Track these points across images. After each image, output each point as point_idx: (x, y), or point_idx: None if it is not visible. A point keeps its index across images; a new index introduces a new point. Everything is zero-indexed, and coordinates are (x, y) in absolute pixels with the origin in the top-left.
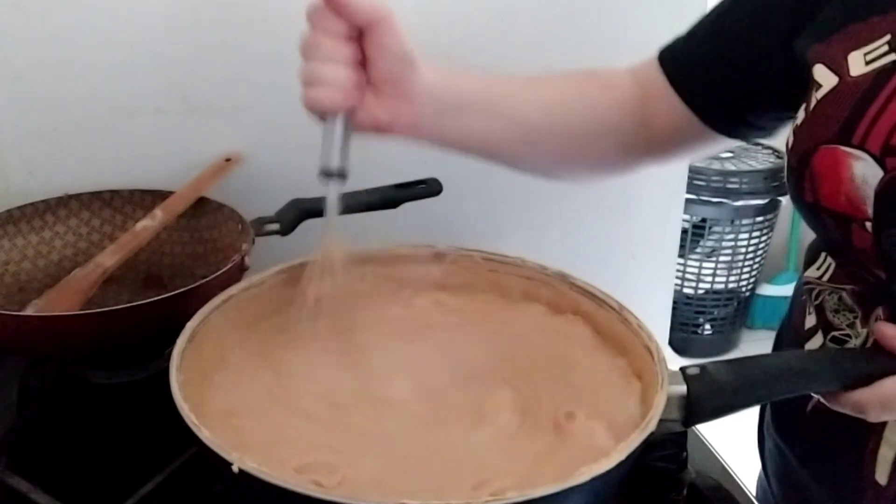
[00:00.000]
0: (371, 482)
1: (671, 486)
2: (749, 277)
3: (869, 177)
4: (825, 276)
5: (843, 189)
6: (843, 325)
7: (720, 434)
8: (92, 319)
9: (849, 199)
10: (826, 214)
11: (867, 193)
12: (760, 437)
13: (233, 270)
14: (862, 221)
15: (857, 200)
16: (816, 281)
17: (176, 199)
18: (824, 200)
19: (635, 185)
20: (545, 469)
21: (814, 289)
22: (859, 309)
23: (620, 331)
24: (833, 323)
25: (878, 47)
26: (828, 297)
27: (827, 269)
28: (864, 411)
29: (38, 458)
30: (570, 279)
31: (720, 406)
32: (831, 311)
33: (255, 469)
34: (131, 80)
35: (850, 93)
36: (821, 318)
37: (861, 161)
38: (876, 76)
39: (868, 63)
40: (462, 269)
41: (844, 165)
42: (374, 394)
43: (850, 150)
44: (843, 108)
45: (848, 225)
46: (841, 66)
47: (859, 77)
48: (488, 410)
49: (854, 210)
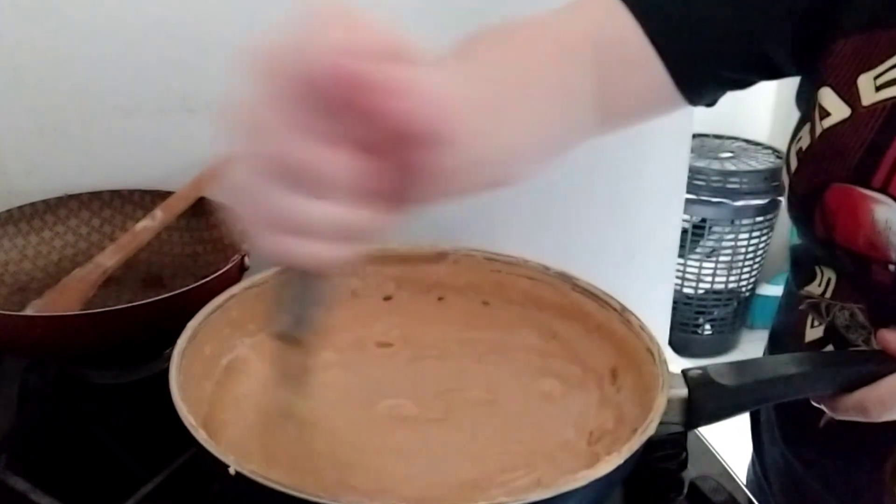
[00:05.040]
0: (370, 483)
1: (671, 486)
2: (749, 277)
3: (893, 222)
4: (827, 292)
5: (863, 232)
6: (858, 342)
7: (720, 434)
8: (92, 319)
9: (869, 241)
10: (841, 252)
11: (891, 239)
12: (756, 439)
13: (233, 270)
14: (884, 263)
15: (879, 244)
16: (820, 298)
17: (176, 199)
18: (840, 239)
19: (635, 185)
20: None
21: (819, 304)
22: (872, 326)
23: (622, 332)
24: (848, 339)
25: (888, 69)
26: (838, 313)
27: (828, 286)
28: (867, 411)
29: (38, 458)
30: (572, 280)
31: (721, 409)
32: (842, 327)
33: (252, 472)
34: (131, 80)
35: (863, 128)
36: (831, 333)
37: (884, 206)
38: (891, 110)
39: (879, 89)
40: (464, 268)
41: (864, 209)
42: (374, 394)
43: (869, 192)
44: (856, 145)
45: (866, 265)
46: (850, 92)
47: (872, 108)
48: (487, 410)
49: (875, 252)
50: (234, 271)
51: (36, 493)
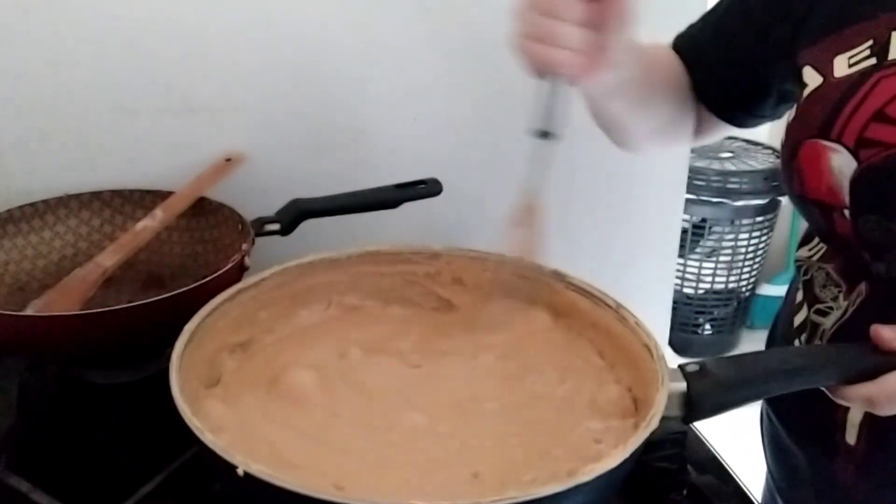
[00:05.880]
0: (370, 484)
1: (671, 486)
2: (749, 277)
3: (845, 168)
4: (815, 255)
5: (824, 180)
6: (827, 299)
7: (720, 434)
8: (92, 319)
9: (829, 189)
10: (811, 204)
11: (844, 183)
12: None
13: (233, 270)
14: (841, 209)
15: (835, 190)
16: (807, 259)
17: (176, 199)
18: (809, 191)
19: (635, 186)
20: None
21: (802, 265)
22: (844, 283)
23: (618, 329)
24: (819, 297)
25: (861, 51)
26: (816, 272)
27: (818, 251)
28: (874, 405)
29: (38, 458)
30: (566, 278)
31: (720, 402)
32: (819, 286)
33: (262, 472)
34: (131, 80)
35: (832, 92)
36: (807, 292)
37: (838, 154)
38: (857, 77)
39: (851, 66)
40: (458, 268)
41: (824, 158)
42: (372, 395)
43: (829, 143)
44: (825, 106)
45: (830, 213)
46: (826, 67)
47: (842, 78)
48: (487, 410)
49: (833, 199)
50: (234, 271)
51: (36, 493)
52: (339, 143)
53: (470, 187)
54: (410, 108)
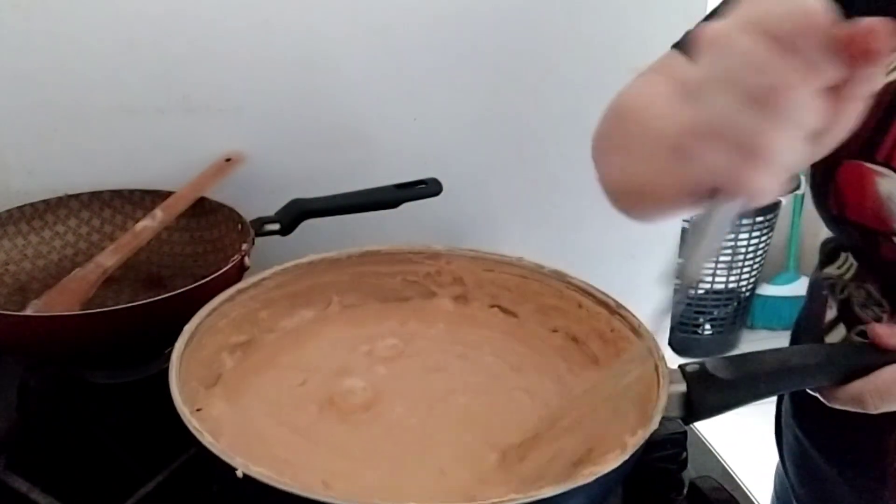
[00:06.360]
0: (369, 485)
1: (671, 486)
2: (749, 277)
3: (894, 193)
4: (847, 274)
5: (869, 204)
6: (869, 319)
7: (720, 434)
8: (92, 319)
9: (875, 214)
10: (851, 227)
11: (893, 209)
12: (778, 429)
13: (233, 270)
14: (889, 235)
15: (883, 216)
16: (838, 278)
17: (176, 199)
18: (850, 214)
19: None
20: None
21: (836, 284)
22: (888, 304)
23: (618, 329)
24: (860, 317)
25: None
26: (854, 291)
27: (849, 269)
28: (863, 402)
29: (38, 458)
30: (566, 278)
31: (720, 402)
32: (858, 305)
33: (261, 474)
34: (131, 80)
35: (873, 107)
36: (845, 312)
37: (886, 178)
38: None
39: (889, 73)
40: (458, 268)
41: (870, 182)
42: (371, 396)
43: (874, 166)
44: (865, 123)
45: (874, 237)
46: None
47: (882, 89)
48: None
49: (880, 224)
50: (234, 271)
51: (36, 493)
52: (339, 143)
53: (470, 187)
54: (410, 108)
